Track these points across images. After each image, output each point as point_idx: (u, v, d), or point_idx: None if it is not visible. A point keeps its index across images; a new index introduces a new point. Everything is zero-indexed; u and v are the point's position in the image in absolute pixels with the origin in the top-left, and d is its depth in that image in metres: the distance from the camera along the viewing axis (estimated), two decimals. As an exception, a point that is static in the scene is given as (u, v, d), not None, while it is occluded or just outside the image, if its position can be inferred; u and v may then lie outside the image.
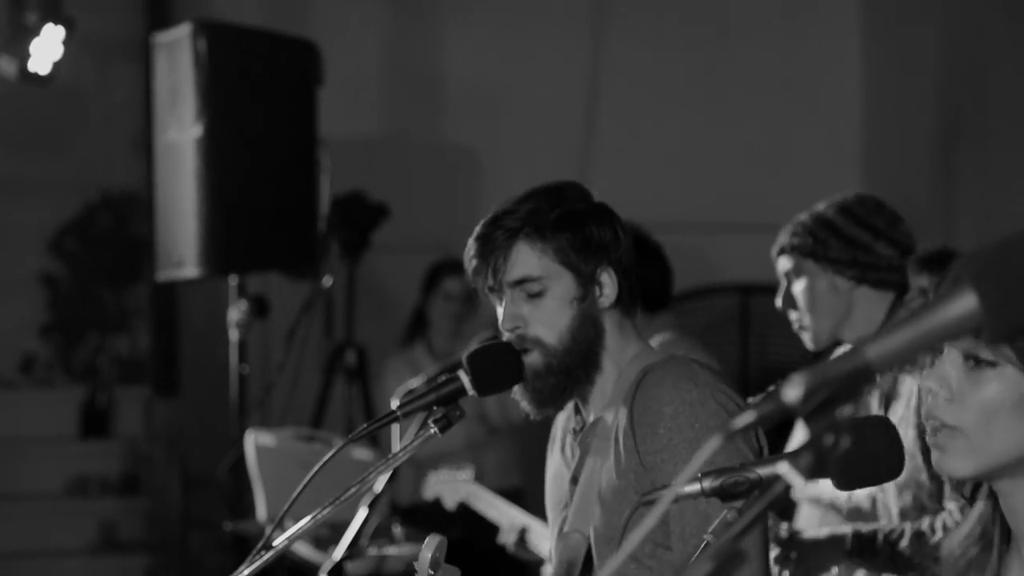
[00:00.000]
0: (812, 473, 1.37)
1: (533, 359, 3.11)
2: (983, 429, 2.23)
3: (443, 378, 3.12)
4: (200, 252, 5.91)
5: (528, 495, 6.88)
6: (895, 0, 9.38)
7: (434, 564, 2.92)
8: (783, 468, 1.39)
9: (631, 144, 9.25)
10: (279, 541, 2.95)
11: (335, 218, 6.86)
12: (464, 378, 3.07)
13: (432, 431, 3.07)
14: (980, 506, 2.39)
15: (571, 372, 3.12)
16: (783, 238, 4.27)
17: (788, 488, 1.39)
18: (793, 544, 3.95)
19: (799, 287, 4.18)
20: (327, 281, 6.81)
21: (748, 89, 9.41)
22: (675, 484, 1.42)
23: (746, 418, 1.39)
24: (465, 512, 5.13)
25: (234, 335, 6.23)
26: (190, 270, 6.00)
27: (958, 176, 8.52)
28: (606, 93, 9.44)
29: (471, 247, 3.16)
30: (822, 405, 1.37)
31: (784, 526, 4.01)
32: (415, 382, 5.37)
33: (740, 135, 9.29)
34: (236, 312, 6.20)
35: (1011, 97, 7.89)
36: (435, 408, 3.08)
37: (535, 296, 3.12)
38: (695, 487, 2.31)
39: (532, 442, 7.88)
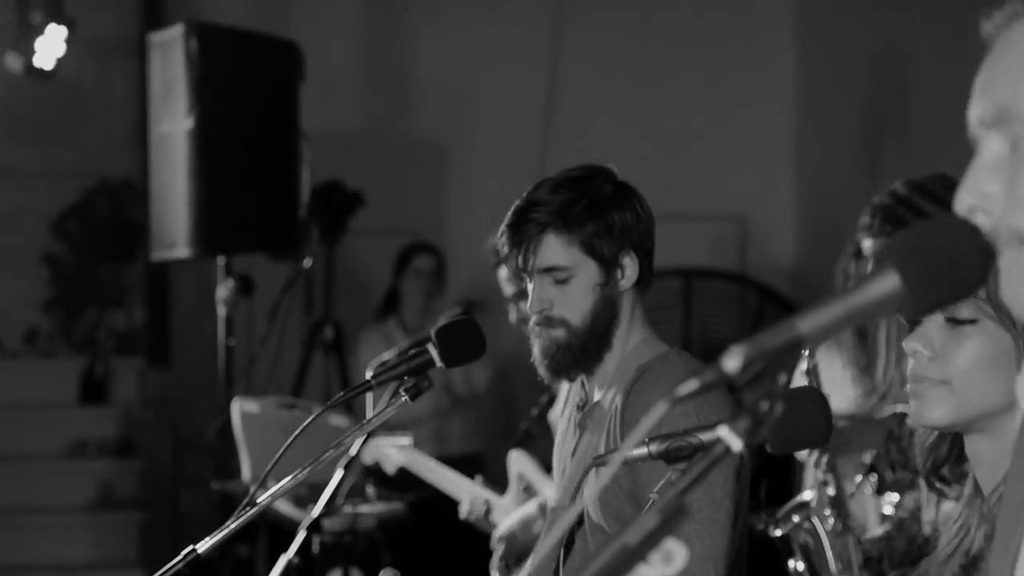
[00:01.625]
0: (749, 436, 1.38)
1: (557, 335, 3.12)
2: (967, 382, 2.20)
3: (413, 351, 3.11)
4: (190, 234, 5.90)
5: (489, 461, 6.89)
6: (826, 12, 9.40)
7: None
8: (723, 432, 1.39)
9: (585, 141, 9.23)
10: (262, 499, 2.94)
11: (315, 204, 6.84)
12: (433, 351, 3.06)
13: (403, 399, 3.06)
14: (968, 493, 2.30)
15: (587, 350, 3.12)
16: (867, 221, 3.92)
17: (727, 450, 1.39)
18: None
19: None
20: (307, 262, 6.80)
21: (691, 95, 9.45)
22: (624, 447, 1.41)
23: (690, 386, 1.39)
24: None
25: (221, 311, 6.22)
26: (181, 251, 5.98)
27: (882, 173, 8.54)
28: (562, 92, 9.44)
29: (504, 233, 3.15)
30: (758, 375, 1.38)
31: None
32: (388, 354, 5.35)
33: (683, 135, 9.33)
34: (223, 290, 6.18)
35: (932, 98, 7.91)
36: (406, 378, 3.08)
37: (562, 282, 3.11)
38: (643, 451, 2.30)
39: (494, 411, 7.93)
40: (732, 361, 1.38)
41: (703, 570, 2.88)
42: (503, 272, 4.92)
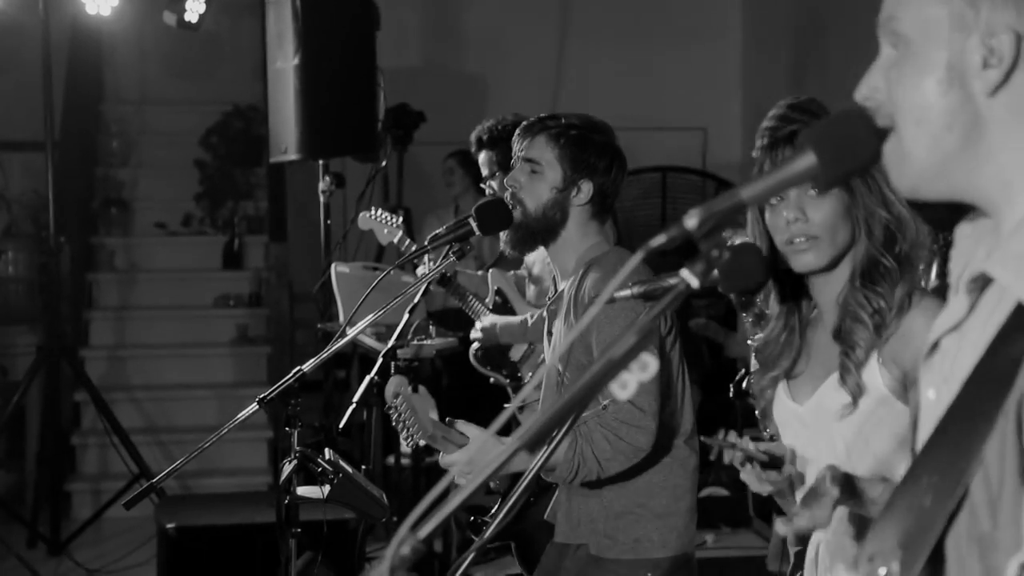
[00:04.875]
0: (703, 276, 1.32)
1: (516, 215, 3.06)
2: (828, 232, 2.20)
3: (458, 224, 3.10)
4: (299, 143, 5.85)
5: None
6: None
7: (394, 395, 2.83)
8: (684, 273, 1.34)
9: (589, 71, 9.18)
10: (352, 332, 2.94)
11: (389, 121, 6.78)
12: (472, 223, 3.05)
13: (451, 259, 3.05)
14: (777, 311, 2.33)
15: (535, 233, 3.07)
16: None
17: (688, 286, 1.34)
18: None
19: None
20: (384, 163, 6.74)
21: (668, 42, 9.41)
22: (609, 287, 1.37)
23: (659, 240, 1.33)
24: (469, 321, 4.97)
25: (322, 199, 6.18)
26: (292, 155, 5.94)
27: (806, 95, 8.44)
28: (570, 37, 9.38)
29: (522, 127, 3.11)
30: (711, 230, 1.32)
31: None
32: (441, 228, 5.30)
33: (663, 70, 9.28)
34: (323, 184, 6.13)
35: (842, 39, 7.80)
36: (453, 243, 3.07)
37: (534, 173, 3.06)
38: (627, 292, 2.25)
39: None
40: (691, 220, 1.32)
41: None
42: (482, 156, 4.84)
